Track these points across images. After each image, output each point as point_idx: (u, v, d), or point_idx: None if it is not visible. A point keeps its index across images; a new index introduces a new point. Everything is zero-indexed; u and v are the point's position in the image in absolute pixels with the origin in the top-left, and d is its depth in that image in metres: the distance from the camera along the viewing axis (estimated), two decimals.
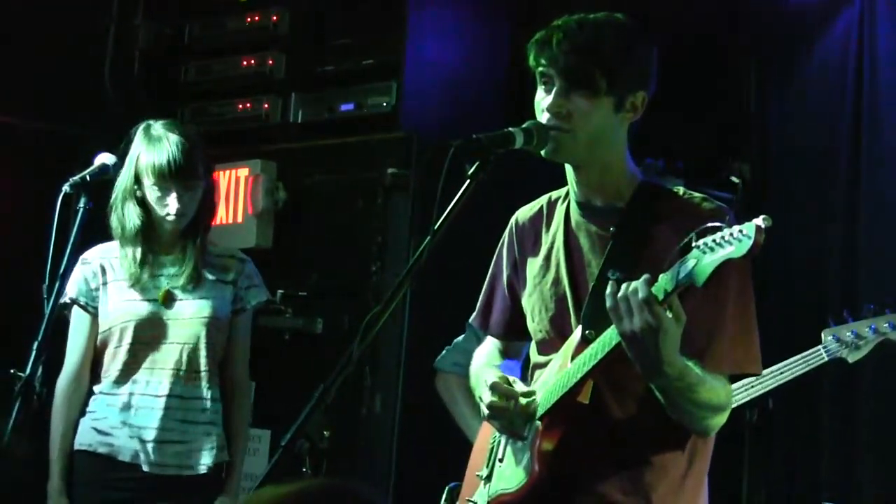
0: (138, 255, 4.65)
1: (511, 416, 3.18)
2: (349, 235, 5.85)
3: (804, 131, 6.46)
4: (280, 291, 5.89)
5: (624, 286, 2.84)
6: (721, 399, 3.05)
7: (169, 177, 4.56)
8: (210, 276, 4.73)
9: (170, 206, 4.59)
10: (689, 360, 2.94)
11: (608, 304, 2.87)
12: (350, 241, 5.84)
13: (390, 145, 5.80)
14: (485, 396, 3.22)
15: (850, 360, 4.96)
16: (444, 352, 4.79)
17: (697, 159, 6.45)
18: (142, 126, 4.67)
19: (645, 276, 2.82)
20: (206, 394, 4.67)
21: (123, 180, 4.63)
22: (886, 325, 4.92)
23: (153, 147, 4.59)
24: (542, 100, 3.15)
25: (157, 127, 4.65)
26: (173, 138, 4.60)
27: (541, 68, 3.15)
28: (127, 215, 4.65)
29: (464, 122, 5.69)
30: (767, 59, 6.61)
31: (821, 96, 6.41)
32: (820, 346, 4.95)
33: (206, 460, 4.64)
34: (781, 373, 4.96)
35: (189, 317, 4.66)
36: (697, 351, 2.96)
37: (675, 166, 6.22)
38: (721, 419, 3.09)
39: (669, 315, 2.81)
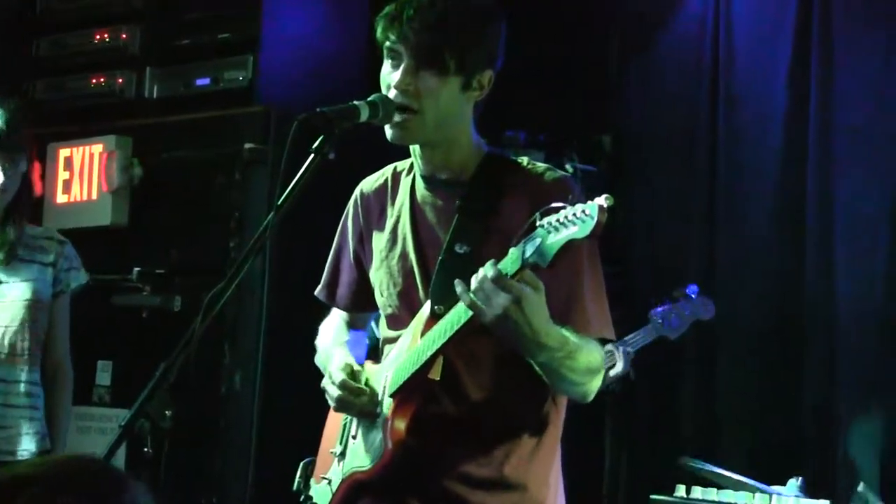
0: None
1: (358, 407, 3.18)
2: (207, 211, 5.79)
3: (664, 103, 6.54)
4: (137, 269, 5.82)
5: (473, 278, 2.82)
6: (599, 361, 3.06)
7: None
8: (29, 258, 4.62)
9: None
10: (563, 328, 2.94)
11: (464, 301, 2.84)
12: (208, 217, 5.77)
13: (248, 120, 5.74)
14: (331, 390, 3.21)
15: (672, 337, 5.35)
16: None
17: (559, 132, 6.49)
18: None
19: (491, 261, 2.80)
20: (28, 377, 4.57)
21: None
22: (698, 305, 5.44)
23: None
24: (389, 75, 3.12)
25: None
26: None
27: (389, 43, 3.11)
28: None
29: (323, 95, 5.64)
30: (627, 31, 6.68)
31: (679, 68, 6.49)
32: (649, 326, 5.28)
33: (28, 446, 4.54)
34: (625, 345, 5.24)
35: (11, 300, 4.56)
36: (559, 319, 2.95)
37: (537, 139, 6.25)
38: (598, 382, 3.10)
39: (527, 287, 2.80)
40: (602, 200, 2.61)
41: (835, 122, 5.87)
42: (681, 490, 4.95)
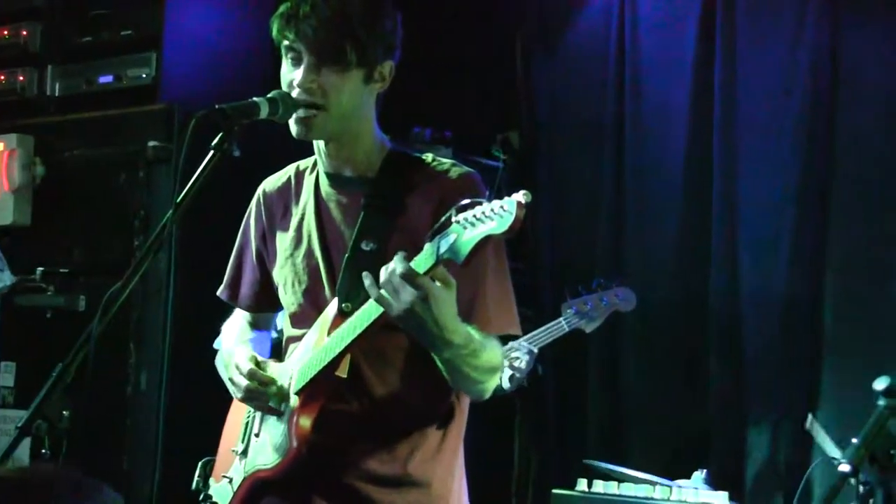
0: None
1: (267, 398, 3.16)
2: (111, 210, 5.72)
3: (571, 99, 6.57)
4: (40, 269, 5.74)
5: (382, 270, 2.82)
6: (499, 360, 3.07)
7: None
8: None
9: None
10: (469, 326, 2.95)
11: (373, 296, 2.85)
12: (112, 216, 5.70)
13: (151, 118, 5.68)
14: (238, 380, 3.18)
15: (588, 330, 5.27)
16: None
17: (466, 128, 6.50)
18: None
19: (400, 254, 2.80)
20: None
21: None
22: (616, 296, 5.32)
23: None
24: (290, 73, 3.11)
25: None
26: None
27: (287, 42, 3.11)
28: None
29: (228, 92, 5.57)
30: (533, 27, 6.70)
31: (585, 64, 6.53)
32: (561, 319, 5.22)
33: None
34: (529, 342, 5.17)
35: None
36: (462, 316, 2.95)
37: (443, 135, 6.25)
38: (496, 380, 3.11)
39: (437, 283, 2.80)
40: (520, 196, 2.61)
41: (739, 112, 5.94)
42: (582, 484, 4.97)
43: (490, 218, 2.64)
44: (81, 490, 1.61)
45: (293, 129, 3.10)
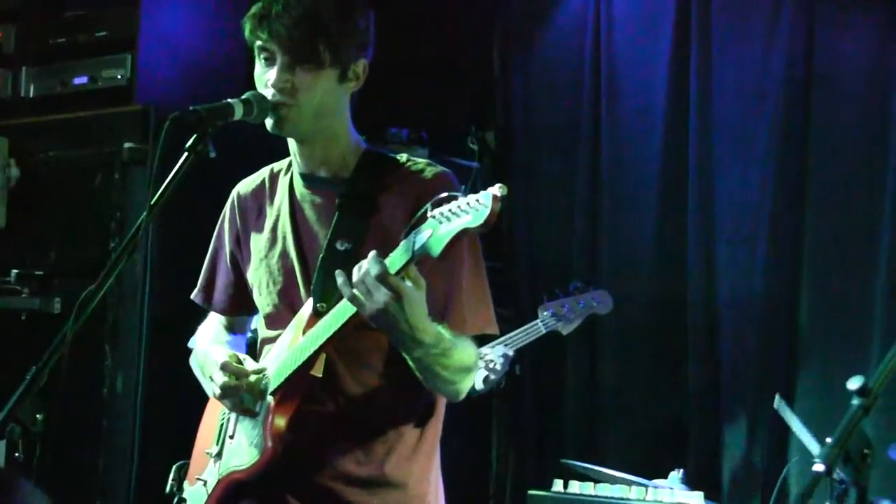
0: None
1: (242, 394, 3.15)
2: (86, 212, 5.69)
3: (547, 99, 6.58)
4: (15, 271, 5.71)
5: (355, 270, 2.82)
6: (472, 360, 3.07)
7: None
8: None
9: None
10: (439, 325, 2.94)
11: (345, 294, 2.85)
12: (87, 218, 5.68)
13: (127, 119, 5.65)
14: (216, 377, 3.17)
15: (564, 332, 5.29)
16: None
17: (443, 129, 6.50)
18: None
19: (373, 253, 2.80)
20: None
21: None
22: (593, 300, 5.36)
23: None
24: (264, 74, 3.11)
25: None
26: None
27: (260, 42, 3.11)
28: None
29: (203, 94, 5.56)
30: (509, 28, 6.71)
31: (561, 64, 6.54)
32: (538, 321, 5.24)
33: None
34: (506, 344, 5.18)
35: None
36: (437, 316, 2.96)
37: (420, 135, 6.25)
38: (471, 381, 3.11)
39: (409, 283, 2.80)
40: (496, 190, 2.61)
41: (714, 113, 5.96)
42: (558, 485, 4.97)
43: (465, 212, 2.65)
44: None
45: (267, 122, 3.10)
